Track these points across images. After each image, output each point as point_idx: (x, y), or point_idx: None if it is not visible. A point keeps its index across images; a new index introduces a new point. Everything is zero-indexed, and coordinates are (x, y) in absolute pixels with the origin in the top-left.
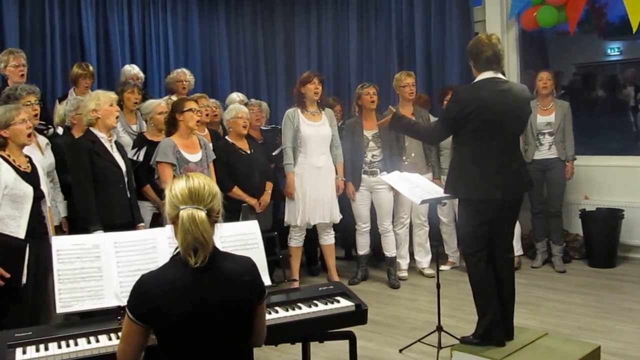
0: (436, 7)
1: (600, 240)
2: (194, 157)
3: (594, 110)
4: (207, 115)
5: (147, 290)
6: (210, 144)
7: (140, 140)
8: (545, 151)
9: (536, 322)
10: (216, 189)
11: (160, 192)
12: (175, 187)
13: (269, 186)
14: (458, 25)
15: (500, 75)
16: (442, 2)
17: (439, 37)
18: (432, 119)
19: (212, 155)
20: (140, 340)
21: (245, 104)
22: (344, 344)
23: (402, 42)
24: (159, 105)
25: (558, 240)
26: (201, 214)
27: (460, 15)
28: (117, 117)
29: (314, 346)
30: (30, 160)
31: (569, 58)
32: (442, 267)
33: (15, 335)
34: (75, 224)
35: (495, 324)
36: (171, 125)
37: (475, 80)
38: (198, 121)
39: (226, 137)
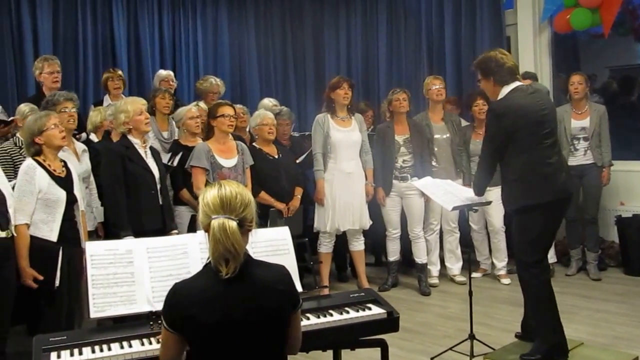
0: (467, 10)
1: (636, 247)
2: (229, 162)
3: (630, 114)
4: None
5: (178, 300)
6: None
7: (175, 147)
8: (581, 157)
9: (571, 331)
10: (249, 197)
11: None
12: (207, 196)
13: (299, 191)
14: (489, 29)
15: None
16: (472, 5)
17: (469, 41)
18: (464, 123)
19: (250, 161)
20: (176, 348)
21: (277, 114)
22: (375, 351)
23: (432, 46)
24: (189, 110)
25: (593, 247)
26: (232, 224)
27: (491, 19)
28: (147, 123)
29: (345, 353)
30: (66, 165)
31: (602, 61)
32: (474, 274)
33: (50, 339)
34: (110, 229)
35: (563, 341)
36: (208, 130)
37: (505, 94)
38: (230, 125)
39: (254, 143)
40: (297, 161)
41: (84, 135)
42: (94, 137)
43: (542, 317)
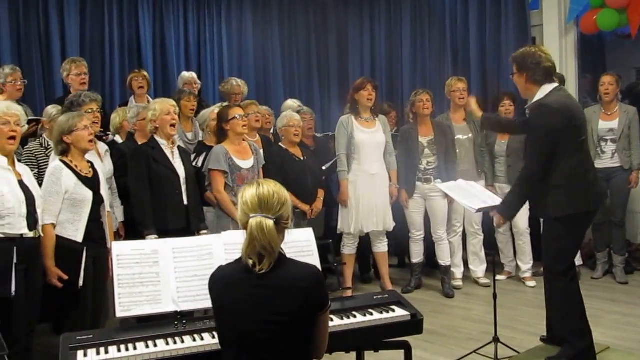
0: (491, 11)
1: None
2: (246, 163)
3: None
4: (257, 121)
5: (212, 281)
6: (262, 150)
7: (201, 148)
8: (608, 160)
9: (597, 335)
10: (286, 196)
11: None
12: (246, 195)
13: (321, 193)
14: (514, 29)
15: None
16: (497, 6)
17: (494, 42)
18: None
19: (262, 161)
20: None
21: (298, 112)
22: (399, 353)
23: (456, 47)
24: (212, 112)
25: (620, 250)
26: (269, 223)
27: (517, 20)
28: (172, 126)
29: (369, 355)
30: (92, 166)
31: (628, 62)
32: (498, 277)
33: (77, 338)
34: (132, 229)
35: (591, 346)
36: (220, 135)
37: (549, 92)
38: (244, 126)
39: (280, 144)
40: (323, 168)
41: (111, 136)
42: (118, 139)
43: (572, 324)
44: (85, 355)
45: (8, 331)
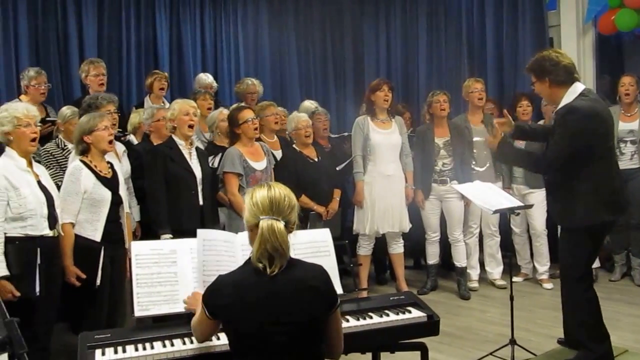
0: (508, 11)
1: None
2: (260, 165)
3: None
4: (276, 122)
5: (219, 289)
6: (280, 151)
7: (211, 148)
8: (627, 161)
9: (615, 338)
10: (295, 200)
11: None
12: (257, 196)
13: (337, 193)
14: (531, 30)
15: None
16: (514, 6)
17: (511, 43)
18: None
19: (273, 162)
20: (205, 330)
21: (313, 112)
22: (415, 355)
23: (472, 48)
24: (221, 113)
25: (638, 252)
26: (280, 225)
27: (534, 20)
28: (190, 127)
29: (384, 356)
30: (112, 166)
31: None
32: (515, 279)
33: (95, 337)
34: (149, 229)
35: (609, 350)
36: (232, 137)
37: (578, 95)
38: (256, 129)
39: (294, 146)
40: (337, 169)
41: (129, 136)
42: (133, 139)
43: (589, 330)
44: (103, 354)
45: (28, 330)
